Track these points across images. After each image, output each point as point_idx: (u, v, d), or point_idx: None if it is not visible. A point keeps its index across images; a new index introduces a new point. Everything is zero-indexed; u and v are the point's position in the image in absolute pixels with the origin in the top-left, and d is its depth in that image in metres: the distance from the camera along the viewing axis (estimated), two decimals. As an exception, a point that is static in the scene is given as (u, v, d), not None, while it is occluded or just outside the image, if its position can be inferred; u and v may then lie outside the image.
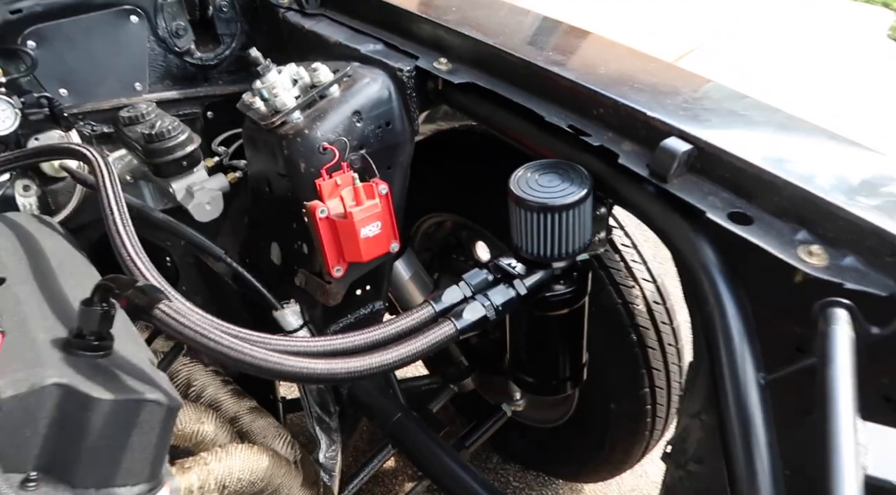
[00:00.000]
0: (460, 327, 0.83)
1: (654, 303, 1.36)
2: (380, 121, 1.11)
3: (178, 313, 0.75)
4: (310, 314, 1.20)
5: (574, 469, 1.70)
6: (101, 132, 1.39)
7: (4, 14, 1.25)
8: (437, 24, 1.11)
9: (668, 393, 1.42)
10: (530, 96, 0.97)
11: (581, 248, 0.90)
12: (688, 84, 0.93)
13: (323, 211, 1.01)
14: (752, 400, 0.75)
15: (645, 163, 0.83)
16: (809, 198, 0.71)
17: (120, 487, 0.78)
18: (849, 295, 0.67)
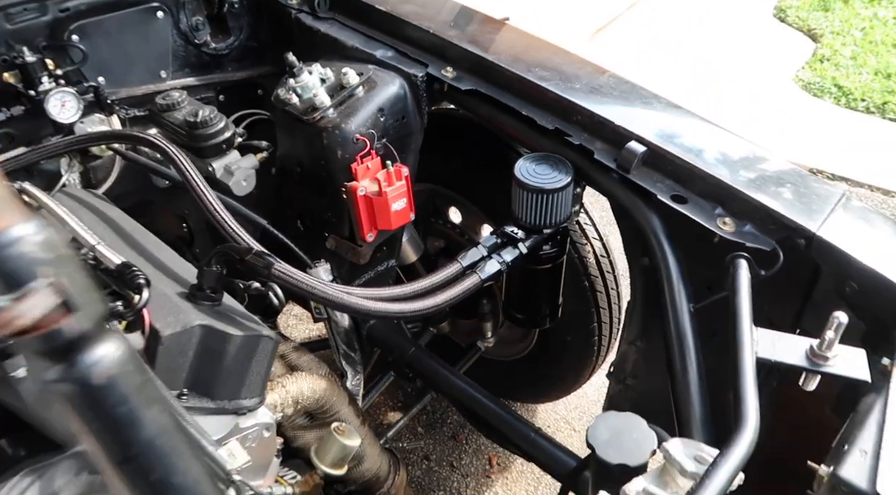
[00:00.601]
0: (483, 278, 1.15)
1: (601, 256, 1.72)
2: (397, 116, 1.38)
3: (287, 272, 1.02)
4: (337, 272, 1.48)
5: (533, 392, 2.09)
6: (135, 115, 1.58)
7: (55, 12, 1.41)
8: (443, 38, 1.38)
9: (610, 326, 1.80)
10: (522, 102, 1.28)
11: (564, 219, 1.24)
12: (640, 97, 1.26)
13: (362, 190, 1.29)
14: (686, 322, 1.11)
15: (613, 158, 1.16)
16: (722, 185, 1.07)
17: (243, 399, 1.06)
18: (748, 250, 1.04)
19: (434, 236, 1.92)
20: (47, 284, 0.36)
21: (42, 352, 0.39)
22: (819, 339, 0.87)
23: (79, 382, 0.40)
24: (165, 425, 0.46)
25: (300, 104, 1.36)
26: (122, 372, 0.42)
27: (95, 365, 0.40)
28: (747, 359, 0.87)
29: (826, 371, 0.86)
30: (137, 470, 0.44)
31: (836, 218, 1.02)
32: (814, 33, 4.20)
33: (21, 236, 0.34)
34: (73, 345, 0.39)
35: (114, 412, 0.42)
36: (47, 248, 0.36)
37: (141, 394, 0.43)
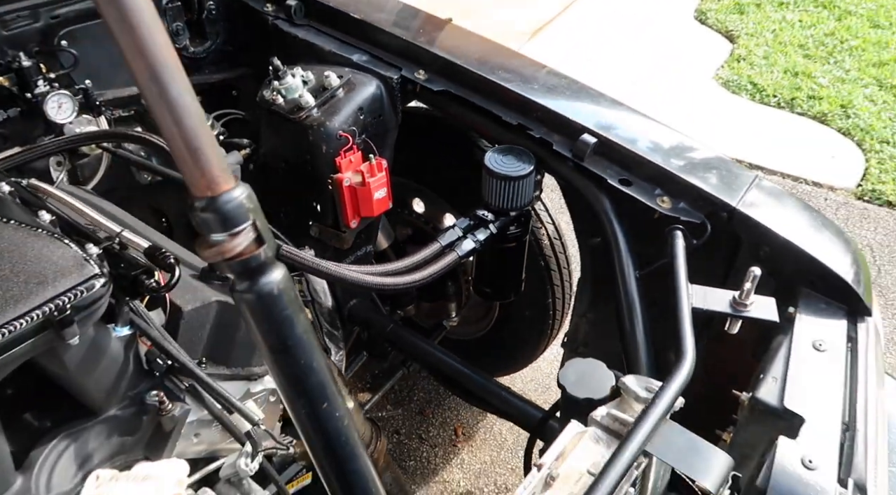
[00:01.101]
0: (461, 254, 1.33)
1: (553, 238, 1.93)
2: (375, 114, 1.53)
3: (295, 253, 1.16)
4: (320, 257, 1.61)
5: (493, 366, 2.27)
6: (120, 116, 1.67)
7: (47, 19, 1.49)
8: (414, 43, 1.54)
9: (563, 301, 2.01)
10: (488, 101, 1.46)
11: (527, 203, 1.42)
12: (589, 95, 1.46)
13: (347, 181, 1.44)
14: (633, 287, 1.32)
15: (569, 149, 1.36)
16: (660, 170, 1.28)
17: (254, 367, 1.20)
18: (682, 223, 1.25)
19: (401, 225, 2.08)
20: (251, 225, 0.51)
21: (239, 271, 0.54)
22: (739, 290, 1.08)
23: (260, 293, 0.56)
24: (308, 326, 0.62)
25: (286, 104, 1.49)
26: (285, 288, 0.58)
27: (272, 282, 0.56)
28: (685, 308, 1.07)
29: (745, 315, 1.08)
30: (291, 358, 0.60)
31: (751, 195, 1.24)
32: (731, 34, 4.57)
33: (239, 194, 0.50)
34: (260, 268, 0.55)
35: (280, 314, 0.58)
36: (250, 202, 0.51)
37: (294, 304, 0.59)
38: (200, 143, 0.46)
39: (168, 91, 0.45)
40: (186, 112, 0.45)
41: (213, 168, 0.48)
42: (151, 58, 0.44)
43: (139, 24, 0.43)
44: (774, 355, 1.09)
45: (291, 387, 0.64)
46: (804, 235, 1.19)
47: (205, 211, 0.50)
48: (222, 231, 0.51)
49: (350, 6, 1.66)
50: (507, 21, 4.82)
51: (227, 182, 0.49)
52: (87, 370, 1.01)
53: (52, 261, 0.93)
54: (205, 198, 0.49)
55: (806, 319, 1.14)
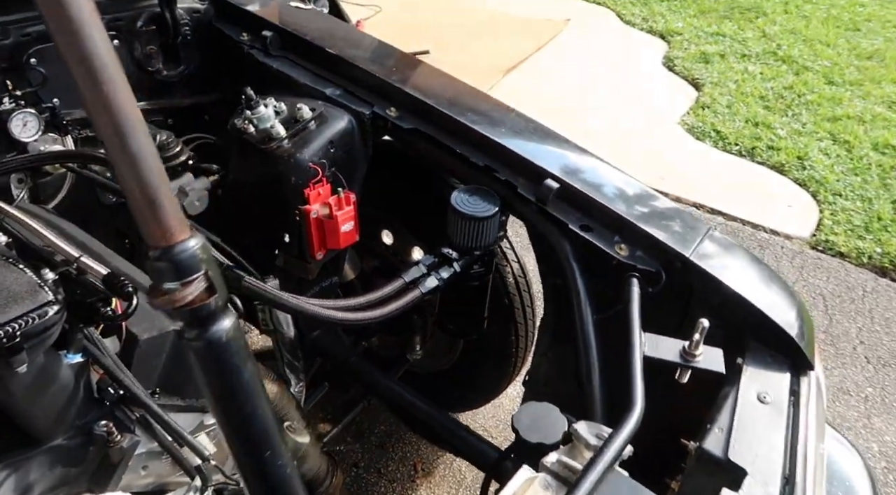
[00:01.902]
0: (423, 292, 1.34)
1: (518, 276, 1.95)
2: (345, 148, 1.55)
3: (257, 285, 1.16)
4: (285, 286, 1.61)
5: (455, 401, 2.27)
6: (87, 135, 1.66)
7: (17, 36, 1.48)
8: (387, 81, 1.57)
9: (526, 339, 2.03)
10: (457, 141, 1.49)
11: (491, 243, 1.45)
12: (554, 141, 1.51)
13: (315, 213, 1.45)
14: (590, 331, 1.35)
15: (532, 192, 1.39)
16: (619, 218, 1.32)
17: (210, 399, 1.18)
18: (638, 271, 1.28)
19: (369, 256, 2.09)
20: (203, 275, 0.52)
21: (189, 319, 0.55)
22: (689, 341, 1.11)
23: (209, 341, 0.56)
24: (255, 374, 0.62)
25: (257, 134, 1.50)
26: (234, 336, 0.58)
27: (221, 330, 0.57)
28: (636, 356, 1.10)
29: (694, 366, 1.11)
30: (235, 405, 0.61)
31: (705, 246, 1.29)
32: (697, 82, 4.74)
33: (193, 244, 0.51)
34: (210, 316, 0.55)
35: (228, 362, 0.58)
36: (204, 251, 0.52)
37: (242, 352, 0.60)
38: (158, 195, 0.47)
39: (130, 145, 0.46)
40: (146, 165, 0.46)
41: (169, 218, 0.49)
42: (116, 113, 0.45)
43: (106, 80, 0.44)
44: (721, 405, 1.13)
45: (235, 435, 0.65)
46: (753, 288, 1.23)
47: (159, 260, 0.51)
48: (175, 280, 0.52)
49: (326, 41, 1.69)
50: (482, 56, 4.92)
51: (182, 232, 0.51)
52: (34, 397, 0.99)
53: (5, 286, 0.91)
54: (159, 247, 0.50)
55: (752, 371, 1.18)
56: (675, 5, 5.93)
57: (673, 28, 5.48)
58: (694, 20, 5.63)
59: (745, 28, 5.48)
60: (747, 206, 3.52)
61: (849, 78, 4.67)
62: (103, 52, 0.44)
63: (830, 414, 2.46)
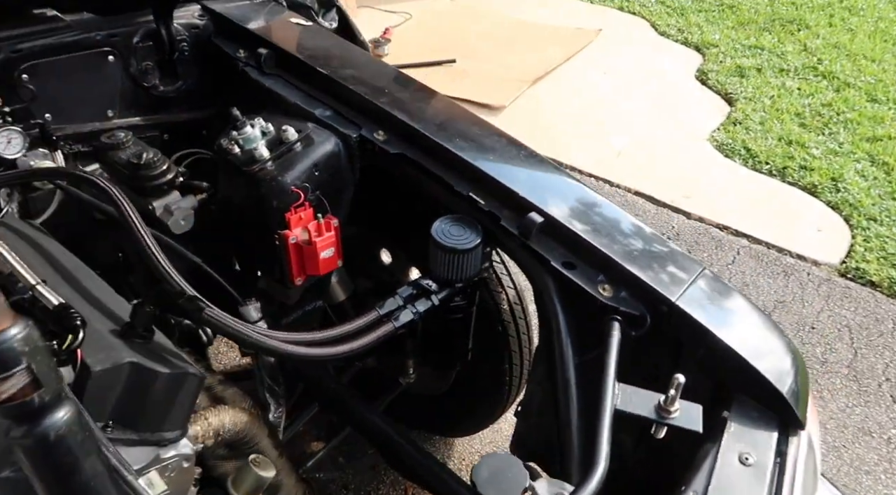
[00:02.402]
0: (397, 326, 1.29)
1: (514, 303, 1.89)
2: (331, 171, 1.52)
3: (216, 317, 1.13)
4: (266, 309, 1.58)
5: (450, 426, 2.22)
6: (78, 151, 1.66)
7: (7, 53, 1.49)
8: (377, 103, 1.53)
9: (521, 368, 1.96)
10: (443, 168, 1.44)
11: (474, 275, 1.39)
12: (545, 170, 1.44)
13: (294, 239, 1.41)
14: (570, 373, 1.28)
15: (516, 225, 1.33)
16: (604, 257, 1.25)
17: (165, 432, 1.15)
18: (622, 313, 1.21)
19: (364, 277, 2.05)
20: (24, 368, 0.48)
21: (13, 416, 0.51)
22: (665, 395, 1.04)
23: (37, 439, 0.52)
24: (98, 470, 0.58)
25: (241, 155, 1.47)
26: (69, 432, 0.54)
27: (50, 427, 0.53)
28: (606, 409, 1.03)
29: (669, 422, 1.03)
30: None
31: (693, 290, 1.21)
32: (730, 97, 4.58)
33: (12, 335, 0.47)
34: (35, 412, 0.51)
35: (60, 461, 0.54)
36: (27, 343, 0.48)
37: (82, 448, 0.56)
38: None
39: None
40: None
41: None
42: None
43: None
44: (699, 466, 1.05)
45: None
46: (742, 339, 1.15)
47: None
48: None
49: (319, 60, 1.66)
50: (509, 65, 4.86)
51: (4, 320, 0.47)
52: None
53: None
54: None
55: (736, 428, 1.10)
56: (713, 16, 5.76)
57: (709, 40, 5.32)
58: (731, 32, 5.46)
59: (785, 41, 5.28)
60: (774, 229, 3.37)
61: (893, 96, 4.45)
62: None
63: (848, 457, 2.32)
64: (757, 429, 1.09)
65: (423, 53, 4.93)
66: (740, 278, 3.13)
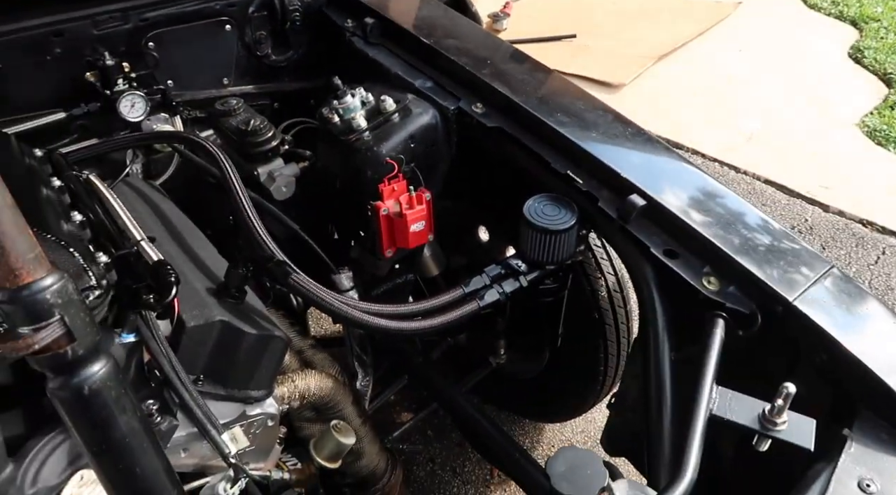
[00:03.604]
0: (481, 305, 1.25)
1: (613, 291, 1.78)
2: (427, 143, 1.49)
3: (300, 282, 1.14)
4: (358, 279, 1.59)
5: (540, 412, 2.16)
6: (195, 116, 1.74)
7: (136, 21, 1.58)
8: (476, 75, 1.48)
9: (617, 359, 1.86)
10: (541, 144, 1.36)
11: (567, 258, 1.32)
12: (652, 150, 1.33)
13: (385, 210, 1.40)
14: (665, 369, 1.18)
15: (615, 207, 1.24)
16: (712, 247, 1.13)
17: (251, 390, 1.19)
18: (727, 310, 1.09)
19: (459, 253, 2.02)
20: (58, 320, 0.49)
21: (49, 367, 0.52)
22: (771, 405, 0.92)
23: (72, 391, 0.53)
24: (134, 428, 0.58)
25: (340, 124, 1.48)
26: (104, 387, 0.55)
27: (85, 380, 0.54)
28: (700, 413, 0.94)
29: (774, 435, 0.92)
30: (109, 460, 0.58)
31: (816, 290, 1.06)
32: (889, 78, 4.07)
33: (45, 286, 0.48)
34: (70, 365, 0.52)
35: (95, 415, 0.55)
36: (62, 295, 0.49)
37: (116, 404, 0.56)
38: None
39: None
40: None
41: (13, 258, 0.45)
42: None
43: None
44: (809, 485, 0.93)
45: (111, 491, 0.60)
46: (873, 348, 1.00)
47: (6, 303, 0.47)
48: (23, 325, 0.48)
49: (424, 30, 1.62)
50: (634, 41, 4.59)
51: (33, 272, 0.47)
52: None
53: (53, 268, 0.96)
54: (4, 289, 0.47)
55: (858, 448, 0.96)
56: (876, -15, 5.12)
57: (869, 13, 4.74)
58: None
59: (963, 13, 4.61)
60: (931, 228, 2.96)
61: None
62: None
63: None
64: (884, 453, 0.94)
65: (543, 29, 4.77)
66: (884, 281, 2.79)
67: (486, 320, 2.02)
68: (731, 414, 0.95)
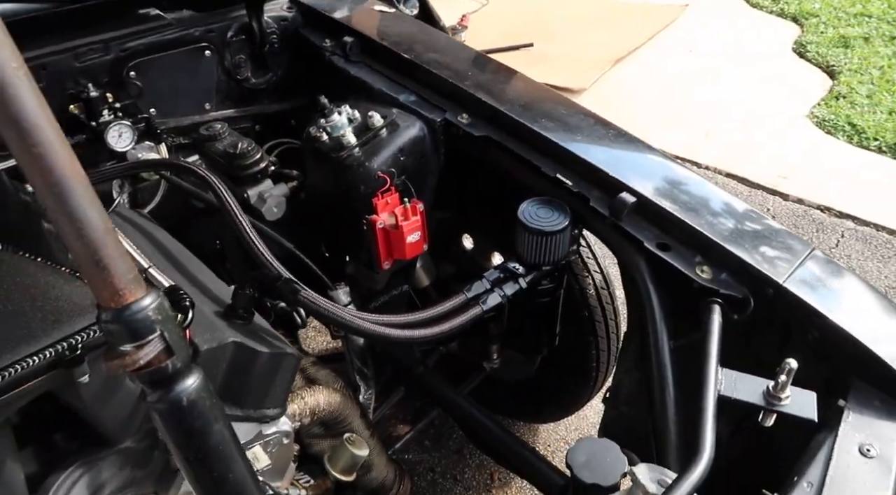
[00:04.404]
0: (485, 309, 1.28)
1: (601, 288, 1.84)
2: (416, 156, 1.52)
3: (312, 298, 1.16)
4: (355, 294, 1.61)
5: (535, 413, 2.20)
6: (180, 143, 1.75)
7: (117, 52, 1.58)
8: (460, 86, 1.52)
9: (609, 354, 1.91)
10: (529, 150, 1.41)
11: (562, 257, 1.36)
12: (635, 149, 1.39)
13: (381, 223, 1.43)
14: (666, 358, 1.23)
15: (606, 206, 1.29)
16: (702, 238, 1.19)
17: (267, 409, 1.20)
18: (722, 296, 1.15)
19: (447, 262, 2.05)
20: (158, 336, 0.51)
21: (149, 382, 0.54)
22: (774, 381, 0.98)
23: (171, 403, 0.55)
24: (225, 436, 0.60)
25: (329, 142, 1.50)
26: (199, 398, 0.57)
27: (183, 392, 0.55)
28: (710, 395, 0.99)
29: (779, 410, 0.98)
30: (204, 468, 0.59)
31: (803, 271, 1.13)
32: (832, 70, 4.28)
33: (146, 305, 0.50)
34: (169, 378, 0.54)
35: (192, 425, 0.57)
36: (160, 312, 0.51)
37: (210, 413, 0.58)
38: (103, 255, 0.46)
39: (69, 205, 0.44)
40: (89, 225, 0.45)
41: (117, 280, 0.48)
42: (50, 174, 0.44)
43: (38, 143, 0.43)
44: (813, 456, 0.99)
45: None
46: (858, 320, 1.07)
47: (110, 323, 0.49)
48: (129, 342, 0.50)
49: (403, 46, 1.66)
50: (591, 47, 4.73)
51: (134, 292, 0.49)
52: (102, 402, 1.04)
53: (71, 299, 0.96)
54: (110, 309, 0.49)
55: (855, 417, 1.02)
56: (812, -16, 5.38)
57: (808, 9, 4.98)
58: (833, 0, 5.08)
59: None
60: (885, 209, 3.12)
61: None
62: (33, 114, 0.42)
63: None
64: (879, 419, 1.01)
65: (501, 39, 4.87)
66: (845, 262, 2.92)
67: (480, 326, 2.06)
68: (738, 393, 1.01)
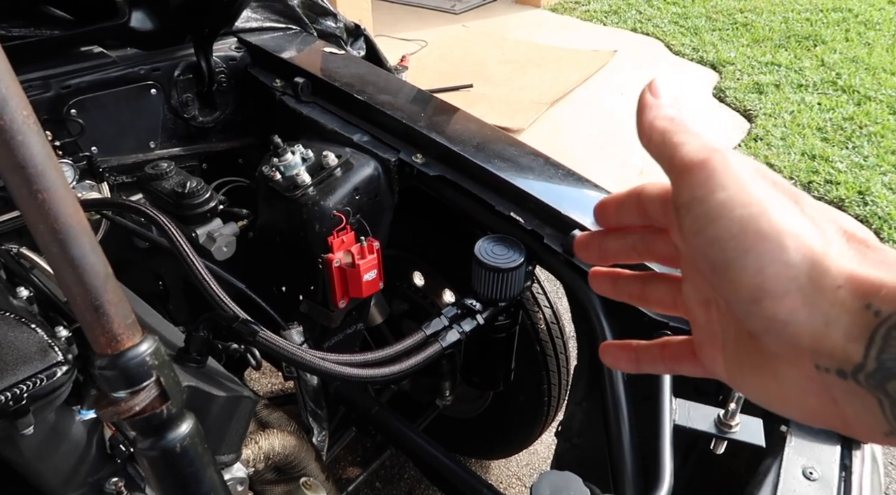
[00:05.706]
0: (444, 346, 1.29)
1: (551, 323, 1.88)
2: (371, 194, 1.54)
3: (271, 339, 1.14)
4: (308, 333, 1.59)
5: (487, 449, 2.20)
6: (123, 181, 1.70)
7: (58, 89, 1.53)
8: (414, 127, 1.56)
9: (559, 388, 1.95)
10: (483, 188, 1.45)
11: (517, 293, 1.39)
12: (585, 187, 1.45)
13: (337, 262, 1.43)
14: (620, 388, 1.27)
15: (559, 243, 1.34)
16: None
17: (221, 455, 1.16)
18: (671, 329, 1.21)
19: (399, 299, 2.06)
20: (154, 381, 0.50)
21: (141, 428, 0.52)
22: (724, 410, 1.03)
23: (163, 450, 0.53)
24: (216, 482, 0.59)
25: (283, 181, 1.50)
26: (191, 444, 0.55)
27: (176, 438, 0.54)
28: (666, 425, 1.03)
29: (729, 437, 1.02)
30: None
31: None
32: (749, 113, 4.59)
33: (143, 350, 0.48)
34: (163, 425, 0.52)
35: (184, 472, 0.55)
36: (156, 357, 0.50)
37: (202, 459, 0.57)
38: (102, 300, 0.45)
39: (70, 252, 0.44)
40: (92, 271, 0.44)
41: (115, 324, 0.47)
42: (53, 221, 0.43)
43: (42, 188, 0.42)
44: (762, 481, 1.03)
45: None
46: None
47: (105, 369, 0.48)
48: (124, 389, 0.49)
49: (355, 87, 1.69)
50: (527, 89, 4.91)
51: (131, 338, 0.48)
52: (45, 456, 0.98)
53: (16, 346, 0.91)
54: (105, 356, 0.48)
55: (798, 442, 1.08)
56: (728, 35, 5.80)
57: (725, 58, 5.35)
58: (747, 50, 5.48)
59: (802, 57, 5.30)
60: (803, 244, 3.33)
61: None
62: (39, 160, 0.41)
63: (897, 475, 2.27)
64: (818, 443, 1.07)
65: (441, 80, 5.00)
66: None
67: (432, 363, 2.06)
68: (692, 422, 1.05)
